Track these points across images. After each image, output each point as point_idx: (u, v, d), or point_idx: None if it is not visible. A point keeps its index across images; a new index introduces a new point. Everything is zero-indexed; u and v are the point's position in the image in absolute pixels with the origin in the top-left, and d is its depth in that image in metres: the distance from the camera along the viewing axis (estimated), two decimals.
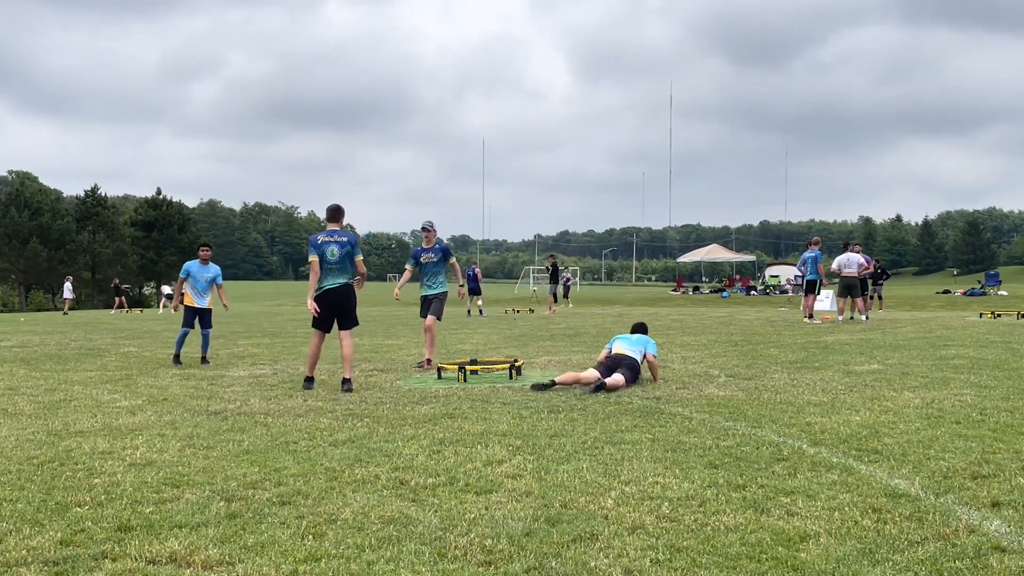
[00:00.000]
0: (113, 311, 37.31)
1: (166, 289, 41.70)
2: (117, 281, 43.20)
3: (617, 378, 8.28)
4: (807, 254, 19.64)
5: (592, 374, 8.46)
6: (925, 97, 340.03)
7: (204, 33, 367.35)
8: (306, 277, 10.42)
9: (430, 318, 10.77)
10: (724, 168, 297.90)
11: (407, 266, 11.22)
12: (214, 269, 12.10)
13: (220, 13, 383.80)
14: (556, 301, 27.45)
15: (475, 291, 26.29)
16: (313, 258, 8.72)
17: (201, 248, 12.18)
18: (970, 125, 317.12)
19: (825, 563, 3.38)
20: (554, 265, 29.01)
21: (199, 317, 11.82)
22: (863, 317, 19.14)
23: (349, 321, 8.97)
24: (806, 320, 18.99)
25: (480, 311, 26.19)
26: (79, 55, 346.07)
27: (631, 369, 8.61)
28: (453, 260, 11.07)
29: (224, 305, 12.92)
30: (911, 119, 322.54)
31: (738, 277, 51.36)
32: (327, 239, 8.77)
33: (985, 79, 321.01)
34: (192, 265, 11.90)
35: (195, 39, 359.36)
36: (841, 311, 19.59)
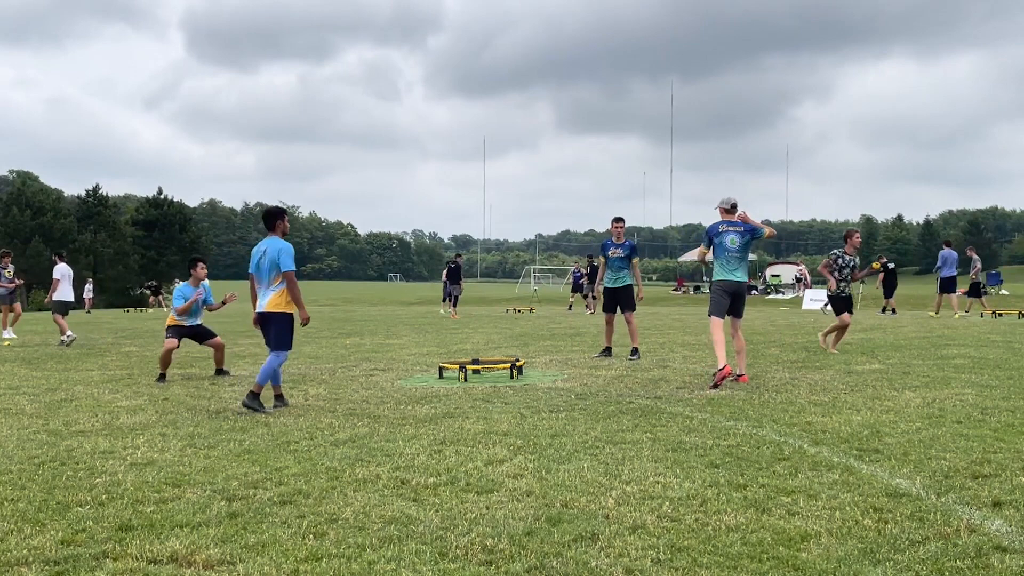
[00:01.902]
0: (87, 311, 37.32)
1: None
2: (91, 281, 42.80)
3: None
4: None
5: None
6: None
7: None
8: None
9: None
10: (725, 167, 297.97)
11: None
12: (276, 247, 8.07)
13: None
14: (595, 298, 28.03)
15: (579, 288, 29.46)
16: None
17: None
18: (979, 122, 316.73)
19: (826, 563, 3.38)
20: (590, 265, 29.38)
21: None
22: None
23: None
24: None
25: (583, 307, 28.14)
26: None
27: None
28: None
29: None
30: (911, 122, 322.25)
31: None
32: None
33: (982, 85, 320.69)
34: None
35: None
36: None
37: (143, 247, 68.31)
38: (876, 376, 8.96)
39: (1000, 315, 20.98)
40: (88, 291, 38.56)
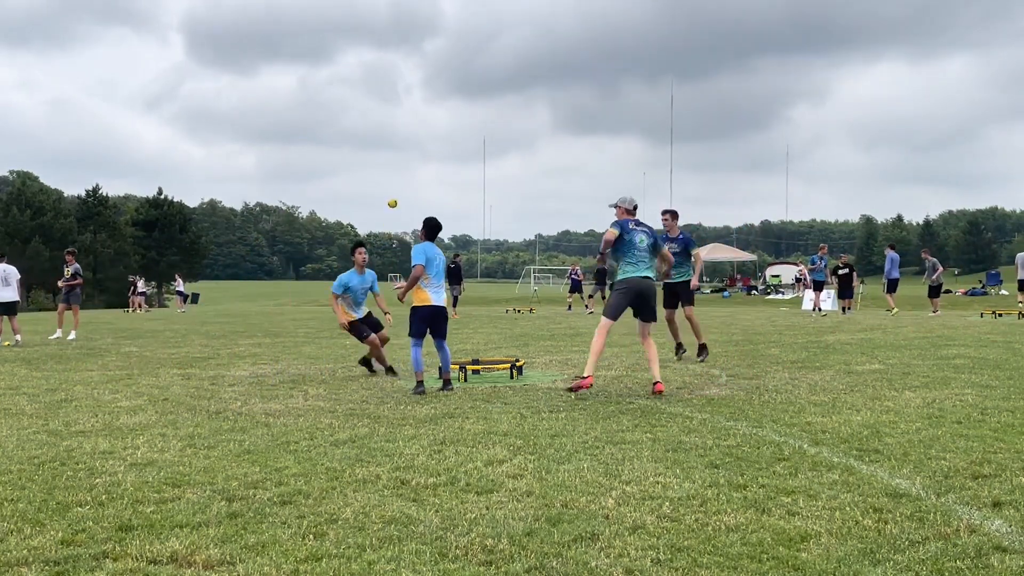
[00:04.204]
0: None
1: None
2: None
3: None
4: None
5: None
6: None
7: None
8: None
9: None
10: (722, 167, 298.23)
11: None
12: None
13: None
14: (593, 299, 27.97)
15: (577, 288, 30.56)
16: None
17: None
18: (972, 124, 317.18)
19: (826, 563, 3.38)
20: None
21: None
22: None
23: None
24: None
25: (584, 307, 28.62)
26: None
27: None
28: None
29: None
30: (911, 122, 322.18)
31: (739, 277, 51.36)
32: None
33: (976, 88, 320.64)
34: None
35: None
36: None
37: (143, 247, 68.35)
38: (876, 376, 8.96)
39: (1000, 315, 20.98)
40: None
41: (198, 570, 3.42)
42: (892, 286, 23.14)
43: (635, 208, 8.56)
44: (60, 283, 17.54)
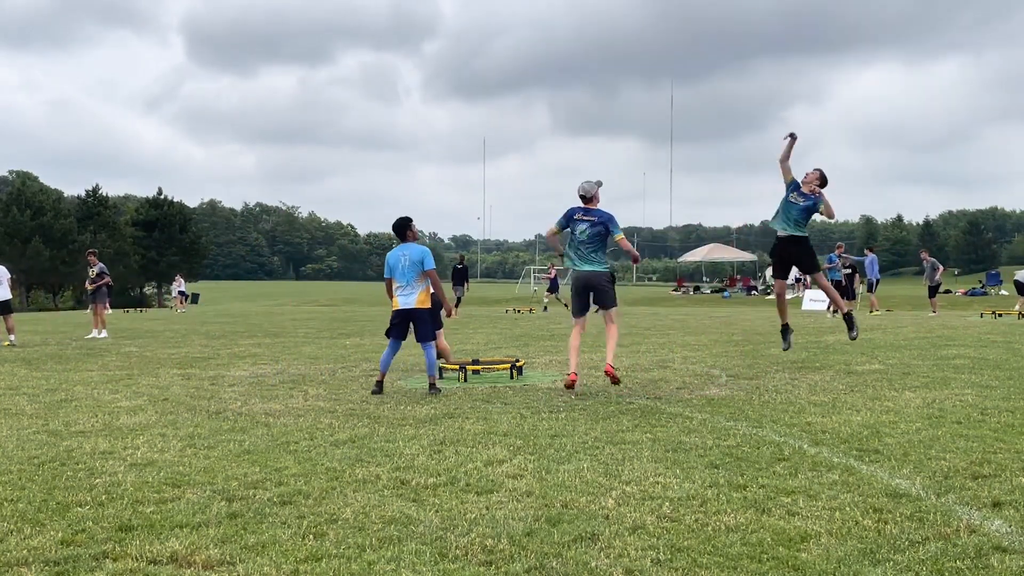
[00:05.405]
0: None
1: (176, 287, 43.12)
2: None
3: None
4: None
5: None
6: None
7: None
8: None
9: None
10: (721, 168, 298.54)
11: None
12: (419, 251, 8.54)
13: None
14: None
15: (555, 289, 30.81)
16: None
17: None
18: (968, 125, 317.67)
19: (826, 563, 3.38)
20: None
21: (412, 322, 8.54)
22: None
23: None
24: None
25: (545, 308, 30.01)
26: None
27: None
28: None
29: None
30: (909, 120, 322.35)
31: (739, 277, 51.39)
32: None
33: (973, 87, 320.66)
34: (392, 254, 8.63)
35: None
36: None
37: (143, 247, 68.31)
38: (876, 376, 8.96)
39: (1000, 315, 20.98)
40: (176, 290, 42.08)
41: (198, 570, 3.42)
42: (872, 285, 24.01)
43: (583, 195, 8.31)
44: (88, 285, 17.86)
